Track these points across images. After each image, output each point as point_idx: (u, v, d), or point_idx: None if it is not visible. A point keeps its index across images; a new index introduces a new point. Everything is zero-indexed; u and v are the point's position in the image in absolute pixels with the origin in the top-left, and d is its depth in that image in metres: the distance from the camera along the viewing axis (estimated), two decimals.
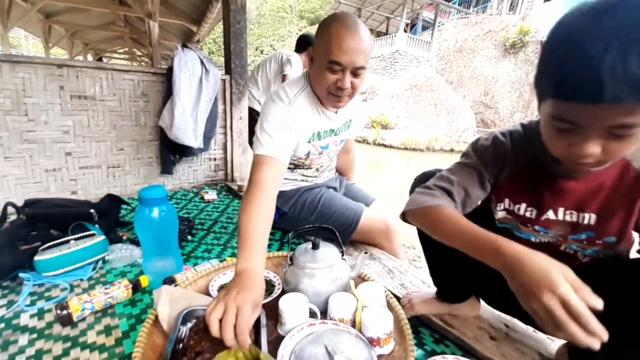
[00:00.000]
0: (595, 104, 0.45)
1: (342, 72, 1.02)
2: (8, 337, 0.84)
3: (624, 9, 0.43)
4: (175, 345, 0.72)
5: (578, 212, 0.65)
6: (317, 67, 1.07)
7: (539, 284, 0.46)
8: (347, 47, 0.97)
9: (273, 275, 1.04)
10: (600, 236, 0.65)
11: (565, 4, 12.37)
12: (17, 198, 1.55)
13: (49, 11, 5.20)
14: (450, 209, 0.67)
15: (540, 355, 0.79)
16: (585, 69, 0.44)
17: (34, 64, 1.59)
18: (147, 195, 0.97)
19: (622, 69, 0.42)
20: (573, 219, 0.66)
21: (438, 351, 0.83)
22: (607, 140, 0.49)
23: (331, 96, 1.09)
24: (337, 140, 1.33)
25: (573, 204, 0.65)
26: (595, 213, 0.64)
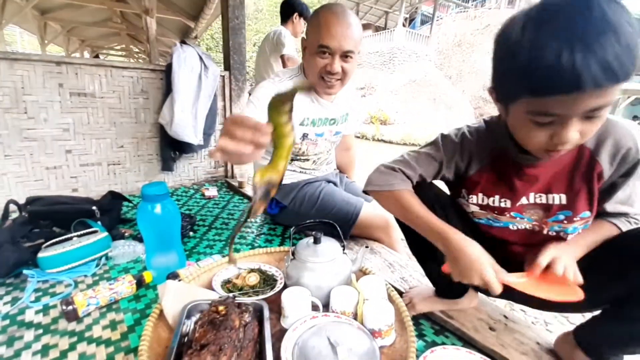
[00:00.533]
0: (575, 94, 0.49)
1: (332, 56, 1.08)
2: (14, 333, 0.85)
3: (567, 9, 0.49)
4: (181, 338, 0.73)
5: (547, 194, 0.71)
6: (309, 54, 1.13)
7: (472, 271, 0.65)
8: (335, 31, 1.04)
9: (275, 270, 1.05)
10: (575, 213, 0.69)
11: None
12: (17, 196, 1.55)
13: (44, 7, 5.15)
14: (410, 195, 0.77)
15: (539, 345, 0.81)
16: (560, 64, 0.48)
17: (32, 61, 1.59)
18: (149, 191, 0.97)
19: (593, 56, 0.46)
20: (542, 201, 0.71)
21: (438, 342, 0.85)
22: (583, 122, 0.54)
23: (322, 81, 1.14)
24: (333, 130, 1.35)
25: (541, 188, 0.71)
26: (564, 193, 0.69)
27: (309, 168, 1.40)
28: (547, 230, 0.73)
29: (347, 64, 1.11)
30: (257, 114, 1.08)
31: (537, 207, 0.72)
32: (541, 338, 0.84)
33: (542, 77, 0.50)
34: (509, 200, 0.74)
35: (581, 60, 0.47)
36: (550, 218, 0.72)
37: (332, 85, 1.15)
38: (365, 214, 1.31)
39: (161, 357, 0.72)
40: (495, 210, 0.76)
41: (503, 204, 0.74)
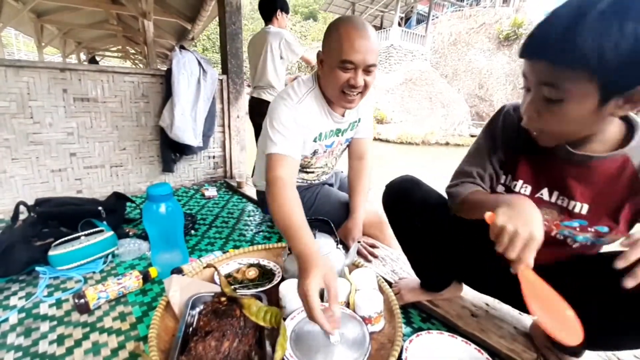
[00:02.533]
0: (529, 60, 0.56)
1: (355, 70, 1.04)
2: (30, 324, 0.91)
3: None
4: (186, 327, 0.79)
5: (569, 198, 0.67)
6: (329, 68, 1.07)
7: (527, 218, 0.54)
8: (359, 45, 1.00)
9: (273, 265, 1.12)
10: (592, 224, 0.67)
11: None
12: (25, 198, 1.60)
13: (41, 10, 5.19)
14: (479, 191, 0.74)
15: (516, 329, 0.88)
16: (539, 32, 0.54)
17: (37, 68, 1.65)
18: (154, 192, 1.04)
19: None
20: (563, 204, 0.68)
21: (425, 328, 0.92)
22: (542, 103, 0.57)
23: (343, 95, 1.09)
24: (342, 139, 1.34)
25: (566, 189, 0.67)
26: (588, 203, 0.66)
27: (310, 179, 1.42)
28: (555, 232, 0.70)
29: (368, 77, 1.08)
30: (289, 146, 1.05)
31: (554, 207, 0.69)
32: (519, 323, 0.91)
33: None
34: (530, 187, 0.71)
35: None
36: (564, 222, 0.69)
37: (353, 100, 1.11)
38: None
39: (168, 344, 0.78)
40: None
41: (523, 191, 0.72)
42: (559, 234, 0.71)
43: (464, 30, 15.88)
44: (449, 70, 15.73)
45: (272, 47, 2.16)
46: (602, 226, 0.66)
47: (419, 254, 0.97)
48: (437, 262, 0.92)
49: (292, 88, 1.16)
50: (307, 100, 1.15)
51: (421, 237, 0.91)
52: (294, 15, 22.36)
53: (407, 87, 12.94)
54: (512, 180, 0.74)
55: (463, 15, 16.51)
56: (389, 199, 0.96)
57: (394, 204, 0.95)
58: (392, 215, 0.98)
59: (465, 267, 0.90)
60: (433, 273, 0.97)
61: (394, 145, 10.91)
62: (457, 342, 0.82)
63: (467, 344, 0.81)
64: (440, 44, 16.46)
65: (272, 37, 2.15)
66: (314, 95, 1.16)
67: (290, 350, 0.74)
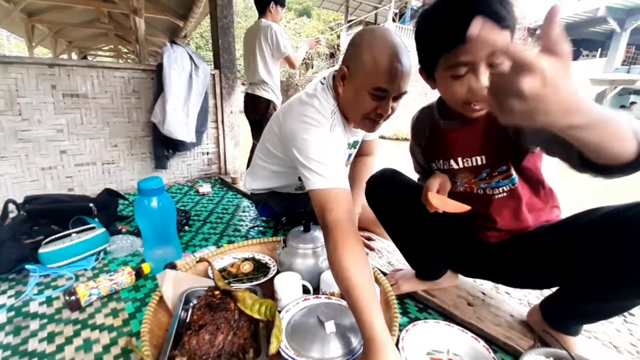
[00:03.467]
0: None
1: (386, 98, 0.91)
2: (19, 323, 0.89)
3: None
4: (180, 321, 0.78)
5: (470, 157, 0.79)
6: (355, 91, 0.93)
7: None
8: (396, 72, 0.87)
9: (268, 259, 1.11)
10: (494, 169, 0.77)
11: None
12: (14, 196, 1.56)
13: (31, 10, 5.10)
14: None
15: (512, 317, 0.87)
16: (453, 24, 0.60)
17: (25, 64, 1.61)
18: (145, 186, 1.02)
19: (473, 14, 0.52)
20: (469, 164, 0.79)
21: (421, 318, 0.91)
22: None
23: (367, 121, 0.98)
24: (355, 150, 1.28)
25: (465, 152, 0.79)
26: (484, 153, 0.76)
27: None
28: (476, 189, 0.81)
29: (396, 103, 0.96)
30: (339, 178, 0.88)
31: (466, 170, 0.80)
32: (515, 311, 0.90)
33: (450, 31, 0.61)
34: (444, 162, 0.84)
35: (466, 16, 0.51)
36: (476, 178, 0.80)
37: (377, 127, 1.01)
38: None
39: (162, 339, 0.77)
40: (442, 172, 0.86)
41: (444, 167, 0.84)
42: (479, 188, 0.81)
43: None
44: None
45: (262, 41, 2.13)
46: (502, 167, 0.76)
47: (407, 242, 0.98)
48: (424, 248, 0.93)
49: (316, 111, 0.98)
50: (335, 125, 1.00)
51: (406, 225, 0.93)
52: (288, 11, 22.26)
53: None
54: (437, 163, 0.86)
55: None
56: (371, 192, 0.97)
57: (376, 196, 0.97)
58: (377, 207, 0.99)
59: (447, 249, 0.93)
60: (423, 260, 0.97)
61: (390, 141, 10.91)
62: (454, 331, 0.81)
63: (464, 332, 0.81)
64: None
65: (262, 30, 2.12)
66: (338, 117, 1.01)
67: (285, 342, 0.73)
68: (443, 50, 0.65)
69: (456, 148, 0.80)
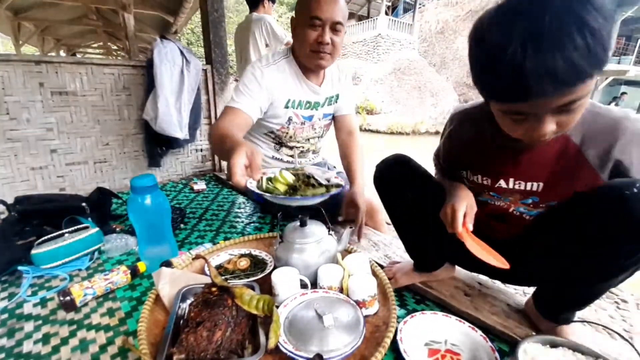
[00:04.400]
0: (535, 100, 0.51)
1: (322, 27, 1.11)
2: (13, 325, 0.88)
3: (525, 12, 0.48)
4: (177, 319, 0.77)
5: (526, 181, 0.73)
6: (299, 29, 1.16)
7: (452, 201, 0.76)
8: (325, 3, 1.09)
9: (265, 254, 1.10)
10: (543, 201, 0.74)
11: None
12: (4, 197, 1.53)
13: (17, 7, 4.98)
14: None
15: (509, 306, 0.88)
16: (511, 77, 0.50)
17: (11, 61, 1.57)
18: (138, 183, 1.00)
19: (545, 63, 0.47)
20: (522, 188, 0.74)
21: (419, 310, 0.92)
22: (558, 115, 0.54)
23: (313, 54, 1.16)
24: (321, 113, 1.37)
25: (521, 175, 0.73)
26: (543, 181, 0.71)
27: (296, 155, 1.42)
28: (513, 209, 0.78)
29: (336, 37, 1.15)
30: (245, 103, 1.14)
31: (516, 192, 0.76)
32: (512, 300, 0.91)
33: (499, 89, 0.53)
34: (490, 179, 0.78)
35: (532, 69, 0.47)
36: (521, 200, 0.76)
37: (323, 57, 1.17)
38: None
39: (159, 337, 0.76)
40: (477, 188, 0.81)
41: (485, 182, 0.79)
42: (515, 210, 0.78)
43: (451, 18, 15.86)
44: (437, 59, 15.74)
45: (256, 35, 2.11)
46: (553, 202, 0.73)
47: (410, 231, 0.97)
48: (429, 239, 0.92)
49: (267, 56, 1.25)
50: (279, 64, 1.23)
51: (411, 214, 0.91)
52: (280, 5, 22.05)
53: (396, 77, 12.91)
54: (473, 175, 0.81)
55: (450, 2, 16.47)
56: (381, 174, 0.94)
57: (387, 180, 0.94)
58: (384, 193, 0.97)
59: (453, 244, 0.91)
60: (426, 252, 0.97)
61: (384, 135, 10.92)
62: (451, 321, 0.82)
63: (461, 322, 0.81)
64: (428, 32, 16.43)
65: (255, 24, 2.09)
66: (287, 61, 1.25)
67: (284, 337, 0.73)
68: (494, 99, 0.58)
69: (514, 169, 0.74)
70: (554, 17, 0.46)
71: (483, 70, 0.56)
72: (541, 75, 0.47)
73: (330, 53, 1.17)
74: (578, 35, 0.45)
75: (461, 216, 0.73)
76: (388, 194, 0.96)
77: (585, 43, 0.45)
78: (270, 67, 1.21)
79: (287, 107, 1.26)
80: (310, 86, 1.27)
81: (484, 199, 0.81)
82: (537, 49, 0.47)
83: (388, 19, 14.38)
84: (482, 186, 0.80)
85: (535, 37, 0.47)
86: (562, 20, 0.46)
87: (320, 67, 1.23)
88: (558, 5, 0.46)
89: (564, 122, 0.56)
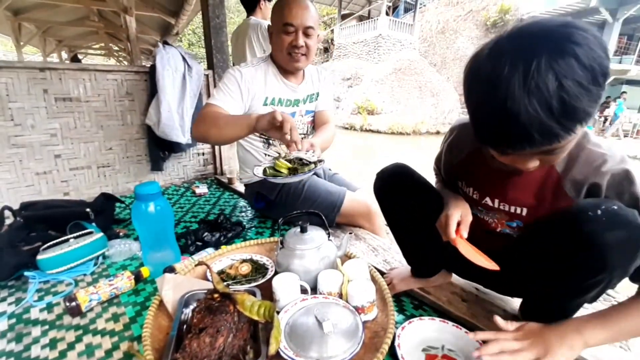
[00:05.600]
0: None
1: (296, 33, 1.22)
2: (21, 330, 0.90)
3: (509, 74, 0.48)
4: (180, 325, 0.79)
5: (510, 204, 0.76)
6: (275, 35, 1.27)
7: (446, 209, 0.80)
8: (296, 10, 1.20)
9: (266, 259, 1.12)
10: (526, 224, 0.76)
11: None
12: (10, 202, 1.57)
13: (17, 8, 5.01)
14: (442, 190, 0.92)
15: (505, 312, 0.90)
16: (492, 131, 0.53)
17: (15, 68, 1.59)
18: (142, 191, 1.03)
19: (516, 131, 0.49)
20: (506, 209, 0.77)
21: (417, 315, 0.93)
22: (541, 155, 0.56)
23: (289, 57, 1.27)
24: (302, 109, 1.44)
25: (506, 197, 0.76)
26: (527, 207, 0.74)
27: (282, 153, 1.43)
28: (500, 229, 0.81)
29: (309, 40, 1.25)
30: (224, 100, 1.21)
31: (502, 212, 0.78)
32: (508, 306, 0.93)
33: (489, 141, 0.56)
34: (478, 194, 0.81)
35: (508, 131, 0.50)
36: (508, 222, 0.79)
37: (299, 59, 1.27)
38: (348, 202, 1.38)
39: (163, 342, 0.78)
40: (469, 200, 0.83)
41: (475, 197, 0.82)
42: (502, 231, 0.81)
43: (452, 18, 15.85)
44: (437, 59, 15.74)
45: (252, 40, 2.11)
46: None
47: (411, 240, 0.99)
48: (427, 248, 0.94)
49: (250, 61, 1.37)
50: (258, 66, 1.32)
51: (412, 223, 0.93)
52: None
53: (397, 77, 12.92)
54: (466, 187, 0.84)
55: (450, 2, 16.45)
56: (382, 184, 0.96)
57: (387, 189, 0.95)
58: (385, 201, 0.98)
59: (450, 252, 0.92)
60: (424, 259, 0.99)
61: (384, 135, 10.94)
62: (448, 327, 0.84)
63: (458, 328, 0.83)
64: (428, 32, 16.42)
65: (252, 28, 2.09)
66: (267, 64, 1.35)
67: (284, 343, 0.75)
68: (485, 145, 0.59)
69: (500, 190, 0.77)
70: (532, 82, 0.46)
71: (472, 115, 0.57)
72: (518, 135, 0.50)
73: (304, 54, 1.27)
74: (554, 101, 0.46)
75: (454, 223, 0.76)
76: (388, 203, 0.98)
77: (562, 109, 0.46)
78: (249, 68, 1.30)
79: (266, 105, 1.33)
80: (289, 85, 1.37)
81: (474, 211, 0.83)
82: (515, 111, 0.48)
83: (389, 20, 14.39)
84: (472, 199, 0.83)
85: (514, 99, 0.47)
86: (540, 86, 0.46)
87: (297, 69, 1.34)
88: (539, 67, 0.46)
89: (548, 160, 0.59)
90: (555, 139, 0.49)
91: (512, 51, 0.49)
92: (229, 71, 1.29)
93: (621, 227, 0.58)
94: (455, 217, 0.77)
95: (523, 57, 0.47)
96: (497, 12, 14.35)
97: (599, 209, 0.59)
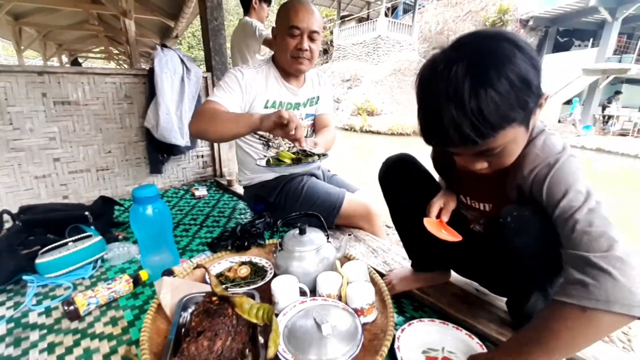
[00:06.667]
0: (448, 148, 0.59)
1: (301, 36, 1.23)
2: (19, 334, 0.90)
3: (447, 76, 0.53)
4: (178, 328, 0.79)
5: (478, 201, 0.80)
6: (280, 39, 1.27)
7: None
8: (303, 14, 1.21)
9: (265, 262, 1.12)
10: (491, 219, 0.79)
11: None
12: (9, 206, 1.57)
13: (18, 12, 5.02)
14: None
15: (505, 313, 0.89)
16: (429, 127, 0.59)
17: (14, 72, 1.60)
18: (140, 194, 1.02)
19: (454, 125, 0.52)
20: (476, 206, 0.81)
21: (417, 317, 0.93)
22: (485, 157, 0.60)
23: (293, 60, 1.28)
24: (302, 113, 1.45)
25: (474, 194, 0.80)
26: (491, 203, 0.77)
27: None
28: (473, 225, 0.85)
29: (313, 44, 1.27)
30: (224, 98, 1.21)
31: (474, 210, 0.82)
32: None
33: (426, 136, 0.60)
34: (456, 191, 0.85)
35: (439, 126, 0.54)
36: (479, 219, 0.83)
37: (302, 62, 1.28)
38: (348, 203, 1.38)
39: (161, 346, 0.78)
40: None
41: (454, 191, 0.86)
42: (475, 228, 0.85)
43: (451, 19, 15.86)
44: None
45: (247, 41, 2.12)
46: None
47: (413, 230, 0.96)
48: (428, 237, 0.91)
49: (246, 66, 1.34)
50: (260, 68, 1.33)
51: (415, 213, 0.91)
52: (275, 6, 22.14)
53: (397, 78, 12.93)
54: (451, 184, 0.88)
55: (449, 3, 16.47)
56: (387, 170, 0.96)
57: (392, 177, 0.95)
58: (388, 189, 0.98)
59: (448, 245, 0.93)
60: (425, 250, 0.98)
61: (385, 137, 10.93)
62: (448, 329, 0.83)
63: (458, 329, 0.82)
64: (428, 33, 16.43)
65: (245, 29, 2.11)
66: (268, 67, 1.36)
67: (283, 346, 0.74)
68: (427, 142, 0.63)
69: (470, 188, 0.81)
70: (451, 88, 0.52)
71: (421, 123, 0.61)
72: (441, 136, 0.55)
73: (308, 59, 1.29)
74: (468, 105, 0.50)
75: (435, 209, 0.81)
76: (391, 190, 0.98)
77: (476, 114, 0.51)
78: (250, 70, 1.31)
79: (267, 107, 1.33)
80: (290, 89, 1.37)
81: (459, 207, 0.86)
82: (438, 113, 0.53)
83: (388, 21, 14.40)
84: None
85: (438, 102, 0.53)
86: (457, 91, 0.51)
87: (300, 72, 1.34)
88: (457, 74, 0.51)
89: (495, 162, 0.61)
90: (470, 141, 0.53)
91: (444, 60, 0.54)
92: (230, 70, 1.30)
93: (525, 233, 0.63)
94: (438, 204, 0.81)
95: (449, 66, 0.52)
96: (496, 13, 14.34)
97: (509, 216, 0.65)
